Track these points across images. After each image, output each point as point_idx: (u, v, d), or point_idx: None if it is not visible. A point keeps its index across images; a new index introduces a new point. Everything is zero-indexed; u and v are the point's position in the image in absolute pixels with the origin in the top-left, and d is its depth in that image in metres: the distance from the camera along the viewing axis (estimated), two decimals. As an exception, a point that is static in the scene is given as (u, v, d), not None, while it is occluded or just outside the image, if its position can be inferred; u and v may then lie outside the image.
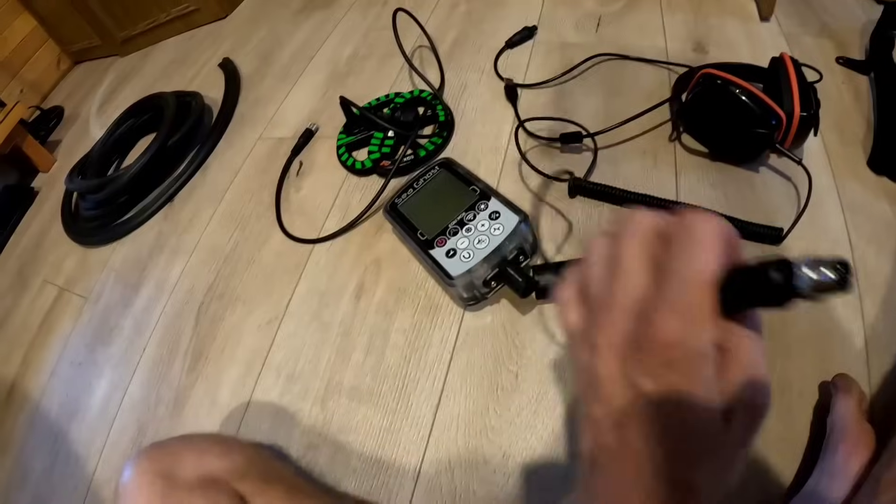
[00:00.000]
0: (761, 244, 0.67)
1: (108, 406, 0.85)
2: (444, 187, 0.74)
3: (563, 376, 0.63)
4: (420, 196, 0.74)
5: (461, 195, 0.70)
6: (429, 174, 0.76)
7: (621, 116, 0.80)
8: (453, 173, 0.74)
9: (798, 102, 0.68)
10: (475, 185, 0.71)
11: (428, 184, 0.75)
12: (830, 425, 0.53)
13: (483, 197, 0.69)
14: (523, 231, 0.65)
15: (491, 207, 0.68)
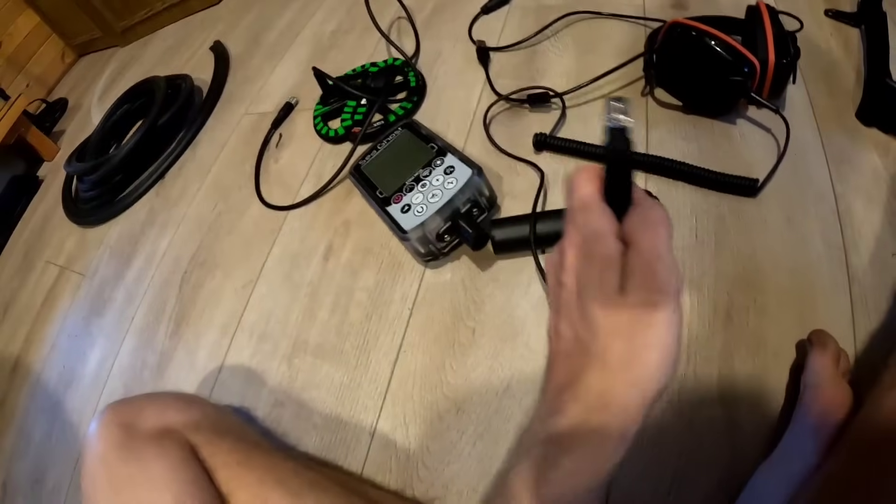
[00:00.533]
0: (738, 196, 0.66)
1: (99, 373, 0.90)
2: (404, 147, 0.75)
3: (522, 331, 0.64)
4: (381, 156, 0.76)
5: (420, 153, 0.71)
6: (391, 136, 0.77)
7: (595, 73, 0.80)
8: (415, 133, 0.75)
9: (773, 49, 0.66)
10: (434, 143, 0.71)
11: (390, 145, 0.76)
12: (804, 383, 0.51)
13: (440, 154, 0.70)
14: (476, 183, 0.66)
15: (446, 163, 0.68)
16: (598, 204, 0.31)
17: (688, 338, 0.57)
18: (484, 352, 0.64)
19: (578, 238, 0.31)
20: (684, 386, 0.55)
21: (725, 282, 0.60)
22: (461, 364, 0.64)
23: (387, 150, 0.76)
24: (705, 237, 0.64)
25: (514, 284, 0.67)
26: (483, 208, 0.69)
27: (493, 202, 0.72)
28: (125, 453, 0.48)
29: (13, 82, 1.54)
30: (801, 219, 0.63)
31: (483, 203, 0.69)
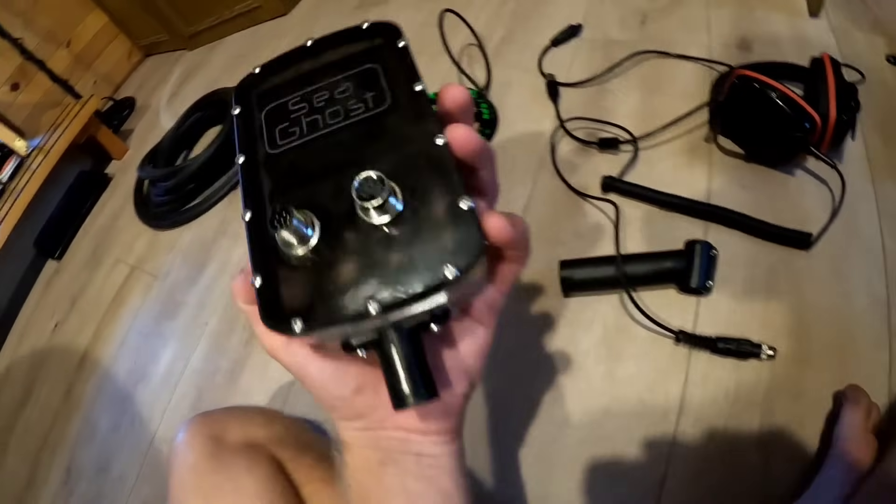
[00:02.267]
0: (791, 248, 0.75)
1: (171, 373, 1.04)
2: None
3: (583, 366, 0.74)
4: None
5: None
6: None
7: (660, 115, 0.90)
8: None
9: (834, 105, 0.74)
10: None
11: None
12: (836, 435, 0.60)
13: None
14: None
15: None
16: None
17: (736, 383, 0.68)
18: (546, 384, 0.74)
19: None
20: (729, 426, 0.66)
21: (773, 330, 0.70)
22: (524, 394, 0.75)
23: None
24: (758, 287, 0.73)
25: (577, 322, 0.77)
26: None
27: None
28: (215, 464, 0.54)
29: (81, 79, 1.70)
30: (848, 272, 0.72)
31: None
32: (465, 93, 0.30)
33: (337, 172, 0.31)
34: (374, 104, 0.32)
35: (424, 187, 0.29)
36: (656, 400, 0.69)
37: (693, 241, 0.74)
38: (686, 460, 0.65)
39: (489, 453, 0.72)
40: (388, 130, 0.31)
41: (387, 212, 0.28)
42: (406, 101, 0.32)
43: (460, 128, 0.29)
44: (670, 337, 0.72)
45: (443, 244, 0.27)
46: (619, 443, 0.68)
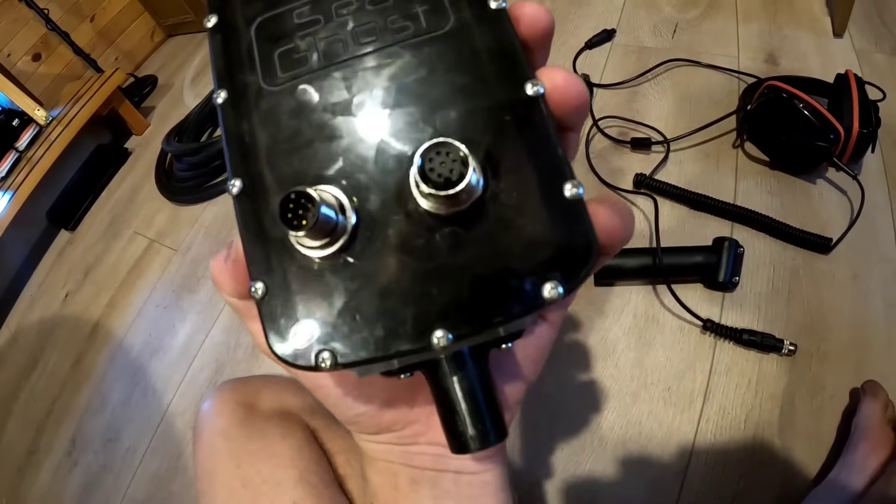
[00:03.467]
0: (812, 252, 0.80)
1: (189, 346, 1.05)
2: None
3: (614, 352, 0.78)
4: None
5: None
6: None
7: (690, 120, 0.94)
8: None
9: (857, 119, 0.79)
10: None
11: None
12: (854, 425, 0.65)
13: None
14: None
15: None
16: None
17: (758, 375, 0.72)
18: (578, 368, 0.78)
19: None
20: (750, 416, 0.70)
21: (794, 328, 0.74)
22: (557, 377, 0.78)
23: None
24: (780, 286, 0.78)
25: (609, 310, 0.81)
26: None
27: None
28: (248, 430, 0.52)
29: (103, 54, 1.71)
30: (865, 277, 0.77)
31: None
32: (548, 16, 0.22)
33: (375, 128, 0.21)
34: (429, 24, 0.22)
35: (511, 160, 0.20)
36: (683, 387, 0.73)
37: (721, 238, 0.78)
38: (710, 446, 0.69)
39: (519, 433, 0.75)
40: (453, 66, 0.21)
41: (462, 200, 0.19)
42: (477, 21, 0.22)
43: (559, 72, 0.21)
44: (697, 326, 0.76)
45: (541, 249, 0.19)
46: (646, 427, 0.72)
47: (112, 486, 0.95)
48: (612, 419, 0.73)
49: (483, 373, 0.23)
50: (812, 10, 1.09)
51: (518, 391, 0.27)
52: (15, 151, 1.44)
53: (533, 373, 0.27)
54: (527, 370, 0.27)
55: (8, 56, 1.55)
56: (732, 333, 0.74)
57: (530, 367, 0.27)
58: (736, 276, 0.77)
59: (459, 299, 0.19)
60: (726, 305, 0.77)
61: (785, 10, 1.10)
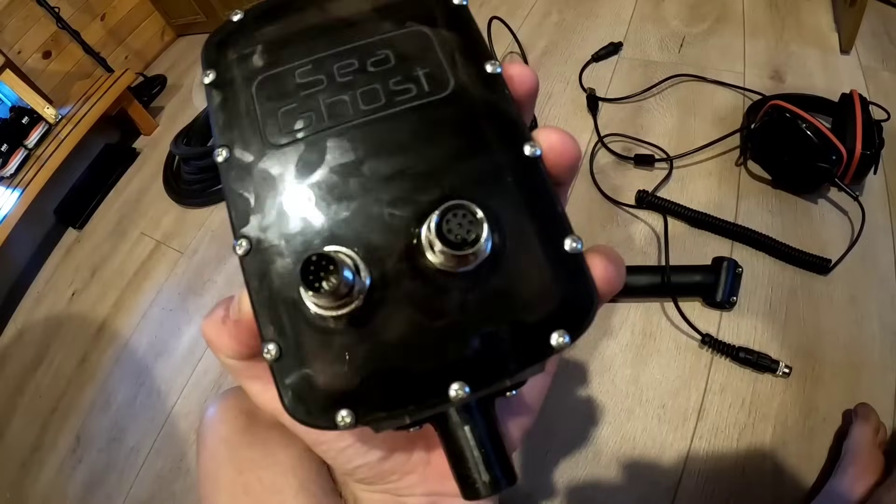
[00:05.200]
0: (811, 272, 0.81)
1: (194, 349, 1.07)
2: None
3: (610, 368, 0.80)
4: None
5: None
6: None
7: (694, 137, 0.96)
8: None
9: (860, 140, 0.81)
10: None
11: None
12: (845, 448, 0.66)
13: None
14: None
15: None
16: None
17: (752, 395, 0.74)
18: (574, 382, 0.80)
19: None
20: (743, 435, 0.72)
21: (790, 349, 0.76)
22: (552, 391, 0.79)
23: None
24: (777, 307, 0.80)
25: (606, 326, 0.83)
26: None
27: None
28: (250, 438, 0.52)
29: (112, 53, 1.73)
30: (863, 300, 0.78)
31: None
32: (533, 76, 0.24)
33: (383, 189, 0.21)
34: (431, 87, 0.23)
35: (514, 218, 0.21)
36: (678, 405, 0.75)
37: (721, 258, 0.80)
38: (702, 464, 0.71)
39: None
40: (456, 129, 0.22)
41: (473, 259, 0.20)
42: (475, 85, 0.23)
43: (554, 133, 0.22)
44: (695, 342, 0.78)
45: (546, 301, 0.20)
46: (640, 443, 0.74)
47: (115, 484, 0.97)
48: (606, 434, 0.75)
49: (490, 421, 0.24)
50: (820, 26, 1.10)
51: (521, 431, 0.29)
52: (24, 149, 1.47)
53: (533, 414, 0.29)
54: (528, 412, 0.29)
55: (18, 53, 1.58)
56: (729, 350, 0.76)
57: (534, 401, 0.29)
58: (734, 295, 0.79)
59: (472, 353, 0.20)
60: (723, 325, 0.79)
61: (792, 26, 1.12)
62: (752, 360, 0.75)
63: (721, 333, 0.79)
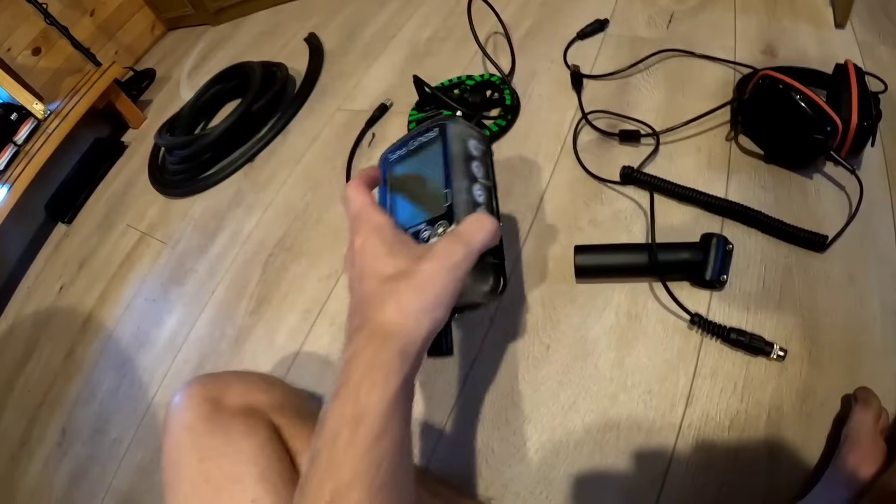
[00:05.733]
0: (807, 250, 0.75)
1: (175, 339, 1.03)
2: (424, 169, 0.55)
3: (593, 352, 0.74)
4: (406, 166, 0.57)
5: (433, 194, 0.52)
6: (424, 136, 0.56)
7: (682, 113, 0.90)
8: (444, 151, 0.54)
9: (857, 111, 0.74)
10: (450, 187, 0.51)
11: (417, 151, 0.56)
12: (844, 434, 0.60)
13: (447, 216, 0.49)
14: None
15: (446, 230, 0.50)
16: (371, 208, 0.46)
17: (745, 379, 0.67)
18: (555, 367, 0.74)
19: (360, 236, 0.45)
20: (735, 422, 0.65)
21: (785, 330, 0.69)
22: (533, 376, 0.74)
23: (412, 161, 0.56)
24: (771, 286, 0.73)
25: (590, 308, 0.77)
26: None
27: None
28: (212, 426, 0.53)
29: (102, 48, 1.71)
30: (862, 278, 0.71)
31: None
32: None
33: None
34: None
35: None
36: (665, 390, 0.69)
37: (710, 234, 0.74)
38: (691, 452, 0.65)
39: (493, 435, 0.72)
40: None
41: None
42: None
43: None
44: (684, 322, 0.72)
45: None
46: (624, 431, 0.68)
47: (98, 476, 0.94)
48: (588, 422, 0.69)
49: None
50: (813, 1, 1.04)
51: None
52: (13, 145, 1.44)
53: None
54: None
55: (8, 50, 1.54)
56: (720, 331, 0.69)
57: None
58: (724, 274, 0.73)
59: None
60: (714, 305, 0.73)
61: (785, 2, 1.06)
62: (744, 341, 0.68)
63: (711, 314, 0.72)
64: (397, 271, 0.42)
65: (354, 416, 0.37)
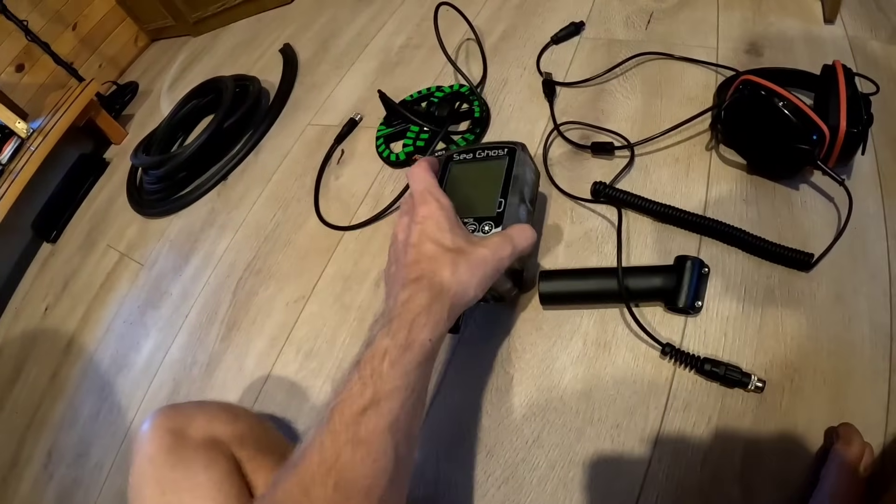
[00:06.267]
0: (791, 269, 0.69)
1: (151, 363, 1.01)
2: (484, 177, 0.70)
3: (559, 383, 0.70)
4: (467, 172, 0.73)
5: (487, 199, 0.68)
6: (493, 152, 0.72)
7: (660, 120, 0.85)
8: (507, 169, 0.70)
9: (845, 117, 0.68)
10: (505, 199, 0.67)
11: (482, 166, 0.72)
12: (823, 474, 0.55)
13: (496, 220, 0.65)
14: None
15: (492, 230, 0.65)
16: (438, 189, 0.57)
17: (720, 412, 0.63)
18: (519, 399, 0.70)
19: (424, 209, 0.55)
20: (708, 458, 0.60)
21: (765, 357, 0.64)
22: (496, 409, 0.70)
23: (474, 167, 0.72)
24: (751, 309, 0.68)
25: (556, 336, 0.73)
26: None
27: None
28: (174, 458, 0.55)
29: (86, 62, 1.69)
30: (850, 297, 0.66)
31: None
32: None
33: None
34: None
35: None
36: (633, 424, 0.64)
37: (684, 257, 0.69)
38: (661, 490, 0.60)
39: (455, 468, 0.68)
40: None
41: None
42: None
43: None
44: (655, 351, 0.67)
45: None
46: (590, 467, 0.63)
47: (82, 500, 0.93)
48: (554, 457, 0.65)
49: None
50: (802, -5, 0.97)
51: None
52: (-2, 164, 1.43)
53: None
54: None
55: (-9, 69, 1.53)
56: (693, 362, 0.64)
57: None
58: (699, 300, 0.68)
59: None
60: (688, 332, 0.68)
61: (771, -4, 0.99)
62: (719, 373, 0.63)
63: (686, 342, 0.68)
64: (456, 247, 0.53)
65: (405, 343, 0.45)
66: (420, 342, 0.46)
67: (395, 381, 0.44)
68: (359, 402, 0.43)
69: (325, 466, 0.41)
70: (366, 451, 0.42)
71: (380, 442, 0.42)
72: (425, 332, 0.46)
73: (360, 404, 0.43)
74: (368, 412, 0.42)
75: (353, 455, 0.41)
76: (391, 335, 0.46)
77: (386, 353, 0.44)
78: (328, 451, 0.41)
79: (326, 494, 0.40)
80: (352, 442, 0.41)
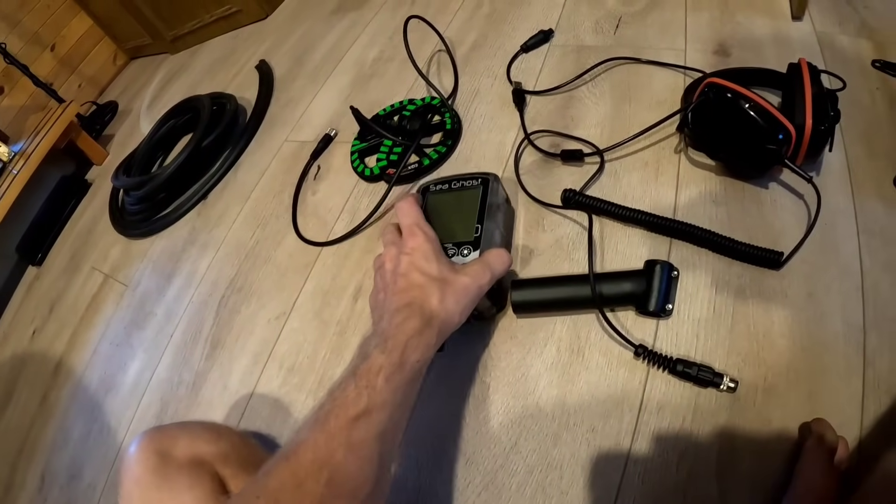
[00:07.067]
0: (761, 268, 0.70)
1: (138, 383, 1.02)
2: (461, 206, 0.75)
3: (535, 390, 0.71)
4: (443, 200, 0.77)
5: (465, 225, 0.73)
6: (468, 182, 0.78)
7: (629, 125, 0.86)
8: (482, 198, 0.75)
9: (810, 115, 0.69)
10: (482, 224, 0.72)
11: (457, 193, 0.77)
12: (796, 471, 0.57)
13: (474, 244, 0.70)
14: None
15: (470, 258, 0.69)
16: (425, 222, 0.66)
17: (693, 412, 0.64)
18: (496, 407, 0.71)
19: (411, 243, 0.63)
20: (684, 458, 0.62)
21: (738, 357, 0.65)
22: (474, 417, 0.71)
23: (450, 196, 0.78)
24: (723, 310, 0.69)
25: (530, 344, 0.74)
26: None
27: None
28: (159, 479, 0.57)
29: (66, 82, 1.70)
30: (822, 294, 0.67)
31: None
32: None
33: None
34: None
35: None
36: (609, 428, 0.65)
37: (653, 262, 0.70)
38: (637, 493, 0.61)
39: (436, 477, 0.69)
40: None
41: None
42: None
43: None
44: (629, 352, 0.68)
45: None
46: (568, 471, 0.64)
47: None
48: (531, 463, 0.66)
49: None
50: (768, -8, 0.99)
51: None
52: (-21, 190, 1.43)
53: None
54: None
55: (-30, 93, 1.54)
56: (666, 363, 0.66)
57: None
58: (669, 303, 0.69)
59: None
60: (661, 334, 0.69)
61: (738, -7, 1.00)
62: (691, 374, 0.64)
63: (658, 343, 0.69)
64: (441, 276, 0.59)
65: (398, 362, 0.51)
66: (411, 363, 0.52)
67: (386, 396, 0.49)
68: (353, 409, 0.47)
69: (319, 464, 0.45)
70: (356, 455, 0.46)
71: (369, 449, 0.47)
72: (416, 354, 0.53)
73: (355, 411, 0.47)
74: (361, 420, 0.47)
75: (346, 457, 0.46)
76: (386, 353, 0.51)
77: (381, 369, 0.50)
78: (322, 449, 0.46)
79: (318, 489, 0.44)
80: (345, 445, 0.46)
